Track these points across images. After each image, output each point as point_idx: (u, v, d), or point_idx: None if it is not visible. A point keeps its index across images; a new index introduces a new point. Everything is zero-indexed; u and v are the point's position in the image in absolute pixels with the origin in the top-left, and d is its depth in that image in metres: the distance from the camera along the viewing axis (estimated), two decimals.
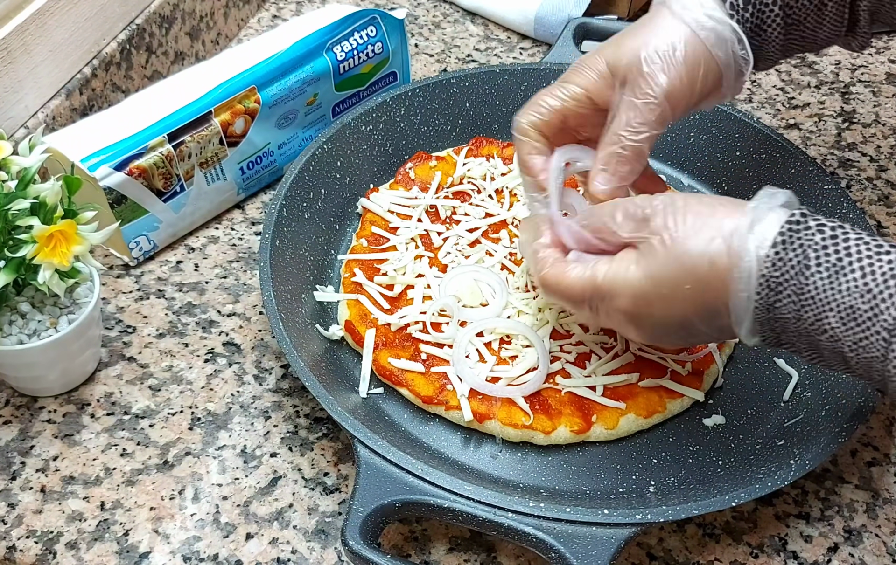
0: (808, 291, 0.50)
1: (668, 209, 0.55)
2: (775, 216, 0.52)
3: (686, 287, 0.54)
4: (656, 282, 0.55)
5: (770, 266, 0.51)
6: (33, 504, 0.61)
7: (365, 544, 0.53)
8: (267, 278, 0.67)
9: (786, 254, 0.51)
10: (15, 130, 0.77)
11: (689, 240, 0.54)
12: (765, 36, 0.65)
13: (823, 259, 0.50)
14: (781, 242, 0.51)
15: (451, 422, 0.66)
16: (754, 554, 0.60)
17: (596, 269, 0.58)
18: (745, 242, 0.52)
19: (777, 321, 0.52)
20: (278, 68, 0.81)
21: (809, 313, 0.50)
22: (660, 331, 0.58)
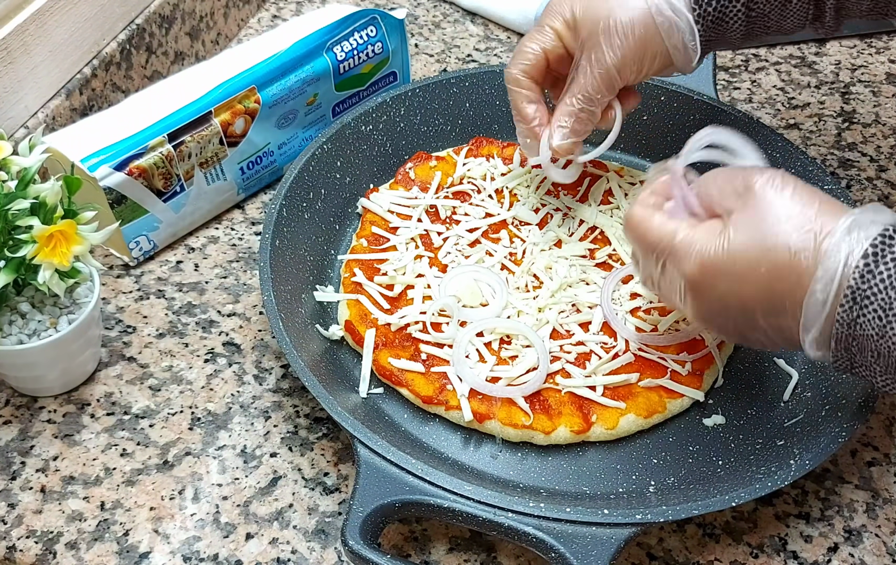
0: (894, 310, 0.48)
1: (768, 184, 0.54)
2: (874, 230, 0.51)
3: (761, 270, 0.52)
4: (732, 255, 0.53)
5: (859, 277, 0.49)
6: (33, 504, 0.61)
7: (365, 544, 0.53)
8: (267, 278, 0.67)
9: (876, 266, 0.49)
10: (15, 130, 0.77)
11: (779, 224, 0.52)
12: (727, 27, 0.67)
13: None
14: (873, 254, 0.49)
15: (451, 422, 0.66)
16: (754, 554, 0.60)
17: (679, 226, 0.57)
18: (839, 243, 0.50)
19: (857, 338, 0.50)
20: (278, 68, 0.81)
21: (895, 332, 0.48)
22: (718, 312, 0.56)
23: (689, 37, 0.67)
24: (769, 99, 0.99)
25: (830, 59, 1.05)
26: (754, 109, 0.97)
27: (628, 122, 0.87)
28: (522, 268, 0.74)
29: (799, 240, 0.51)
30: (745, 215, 0.54)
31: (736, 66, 1.03)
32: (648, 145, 0.87)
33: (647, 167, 0.87)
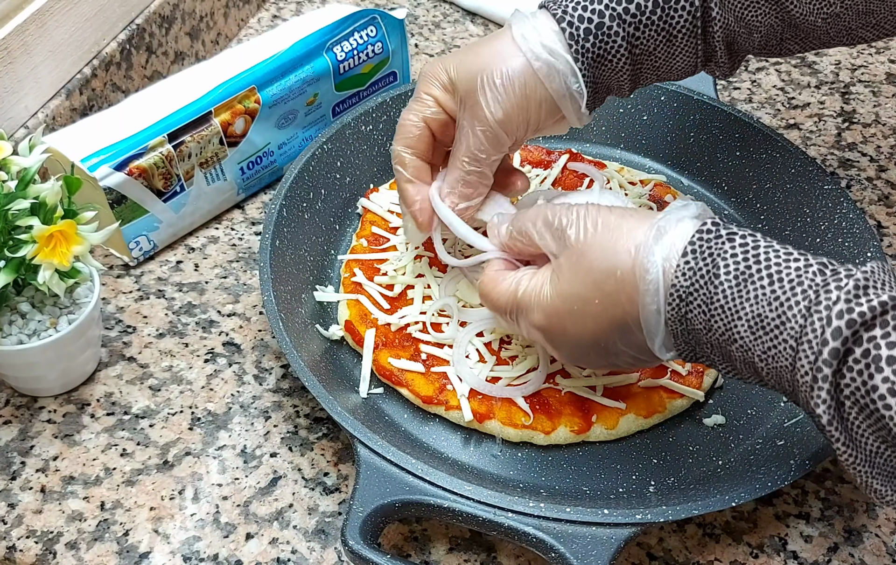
0: (717, 300, 0.50)
1: (579, 221, 0.56)
2: (685, 226, 0.52)
3: (595, 302, 0.54)
4: (566, 297, 0.55)
5: (681, 275, 0.51)
6: (33, 504, 0.61)
7: (365, 544, 0.53)
8: (267, 278, 0.67)
9: (696, 263, 0.50)
10: (15, 130, 0.77)
11: (595, 254, 0.54)
12: (611, 66, 0.63)
13: (732, 266, 0.49)
14: (692, 251, 0.51)
15: (451, 422, 0.66)
16: (754, 554, 0.60)
17: (519, 282, 0.59)
18: (650, 254, 0.52)
19: (690, 333, 0.52)
20: (278, 68, 0.81)
21: (720, 322, 0.50)
22: (576, 351, 0.58)
23: (573, 79, 0.62)
24: (769, 99, 0.99)
25: (830, 59, 1.05)
26: (754, 109, 0.97)
27: (629, 121, 0.87)
28: None
29: (619, 263, 0.53)
30: (567, 257, 0.56)
31: None
32: (648, 145, 0.87)
33: (648, 166, 0.87)
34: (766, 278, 0.49)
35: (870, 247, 0.71)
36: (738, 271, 0.49)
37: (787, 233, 0.78)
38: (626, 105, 0.87)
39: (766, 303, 0.48)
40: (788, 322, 0.47)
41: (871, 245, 0.71)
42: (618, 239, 0.54)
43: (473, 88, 0.63)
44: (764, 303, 0.48)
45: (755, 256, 0.50)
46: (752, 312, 0.49)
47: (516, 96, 0.62)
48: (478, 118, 0.63)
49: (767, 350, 0.48)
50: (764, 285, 0.48)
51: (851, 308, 0.45)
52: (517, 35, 0.63)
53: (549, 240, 0.57)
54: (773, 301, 0.48)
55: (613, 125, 0.88)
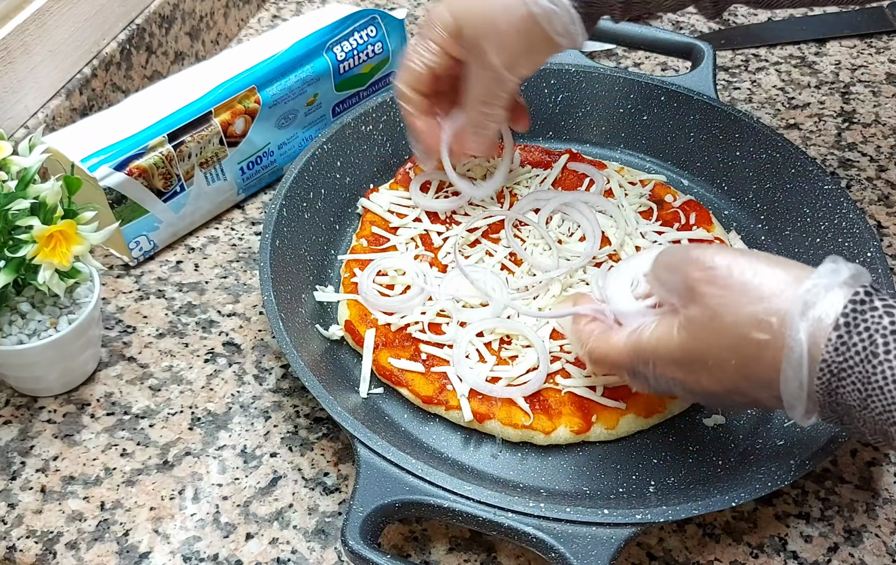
0: (875, 381, 0.46)
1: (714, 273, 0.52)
2: (834, 297, 0.48)
3: (732, 363, 0.51)
4: (700, 354, 0.53)
5: (832, 350, 0.47)
6: (33, 504, 0.61)
7: (365, 544, 0.53)
8: (267, 278, 0.67)
9: (850, 338, 0.47)
10: (15, 130, 0.77)
11: (731, 318, 0.50)
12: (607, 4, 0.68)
13: (893, 345, 0.46)
14: (845, 325, 0.47)
15: (451, 422, 0.66)
16: (754, 554, 0.60)
17: (641, 334, 0.56)
18: (795, 331, 0.48)
19: (840, 405, 0.49)
20: (278, 68, 0.81)
21: (878, 403, 0.47)
22: (713, 399, 0.56)
23: (569, 20, 0.66)
24: (769, 99, 0.99)
25: (830, 59, 1.05)
26: (754, 109, 0.97)
27: (629, 121, 0.87)
28: (522, 269, 0.74)
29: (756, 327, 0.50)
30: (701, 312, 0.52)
31: (736, 66, 1.03)
32: (648, 145, 0.87)
33: (648, 166, 0.87)
34: None
35: (870, 247, 0.70)
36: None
37: (787, 233, 0.78)
38: (626, 105, 0.87)
39: None
40: None
41: (871, 245, 0.71)
42: (758, 302, 0.50)
43: (478, 35, 0.67)
44: None
45: None
46: None
47: (520, 41, 0.66)
48: (484, 65, 0.67)
49: None
50: None
51: None
52: None
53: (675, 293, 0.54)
54: None
55: (613, 125, 0.88)
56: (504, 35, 0.66)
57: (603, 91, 0.87)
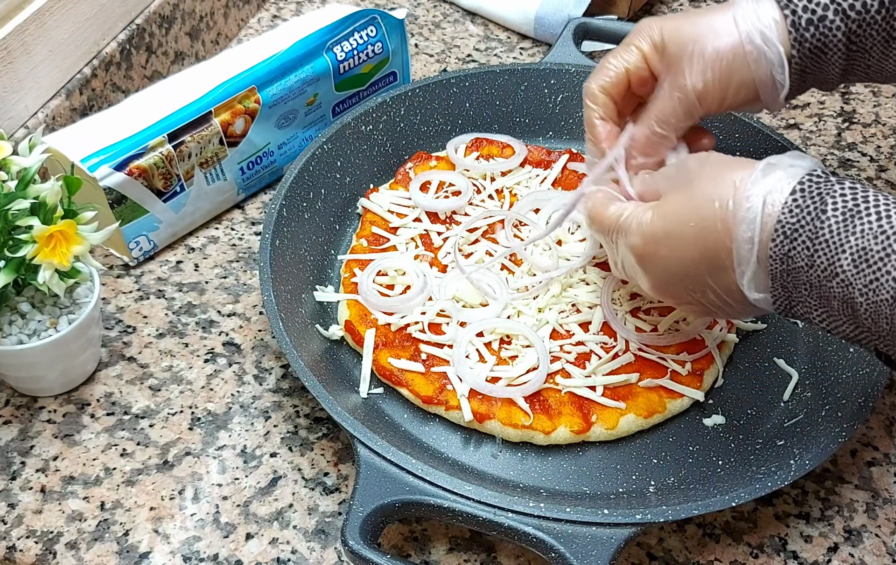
0: (822, 234, 0.50)
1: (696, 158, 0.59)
2: (795, 170, 0.53)
3: (691, 225, 0.56)
4: (665, 218, 0.58)
5: (787, 212, 0.52)
6: (33, 504, 0.61)
7: (365, 544, 0.53)
8: (267, 278, 0.67)
9: (803, 200, 0.51)
10: (15, 130, 0.77)
11: (700, 183, 0.56)
12: (826, 59, 0.63)
13: (840, 203, 0.50)
14: (800, 190, 0.52)
15: (451, 422, 0.66)
16: (754, 554, 0.60)
17: (626, 207, 0.62)
18: (754, 184, 0.53)
19: (790, 272, 0.52)
20: (278, 68, 0.81)
21: (823, 258, 0.50)
22: (665, 276, 0.59)
23: (779, 70, 0.63)
24: None
25: None
26: None
27: None
28: (522, 269, 0.74)
29: (720, 191, 0.54)
30: (676, 185, 0.59)
31: None
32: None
33: None
34: (873, 214, 0.49)
35: None
36: (845, 208, 0.50)
37: None
38: None
39: (871, 236, 0.49)
40: (893, 255, 0.48)
41: None
42: (726, 171, 0.55)
43: (681, 55, 0.65)
44: (870, 236, 0.49)
45: (864, 196, 0.50)
46: (857, 246, 0.49)
47: (721, 73, 0.64)
48: (678, 85, 0.65)
49: (869, 283, 0.49)
50: (871, 220, 0.49)
51: None
52: (737, 15, 0.64)
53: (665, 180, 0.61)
54: (879, 234, 0.49)
55: None
56: (707, 60, 0.63)
57: None
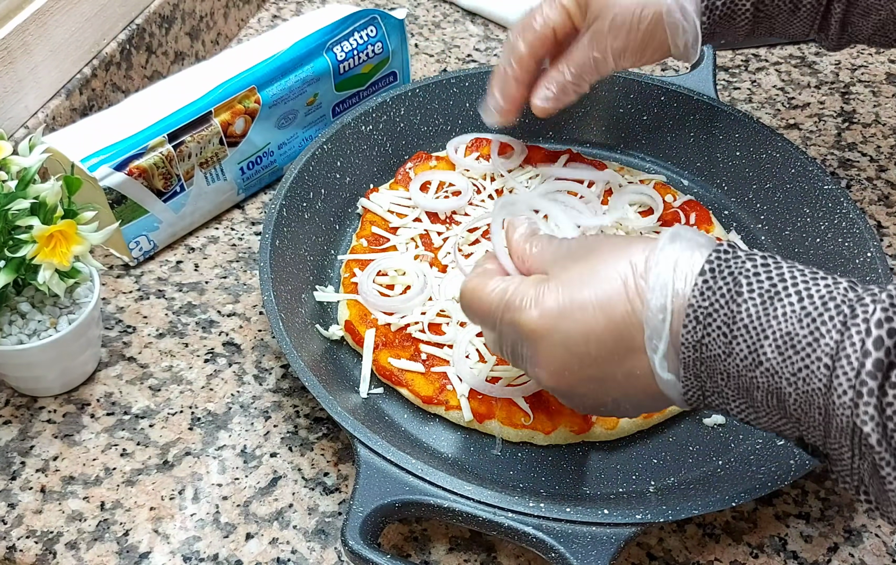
0: (741, 320, 0.46)
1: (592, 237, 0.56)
2: (701, 250, 0.49)
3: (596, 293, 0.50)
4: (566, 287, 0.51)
5: (699, 294, 0.47)
6: (33, 504, 0.61)
7: (365, 544, 0.53)
8: (267, 278, 0.67)
9: (714, 282, 0.47)
10: (15, 130, 0.77)
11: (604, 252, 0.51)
12: (732, 23, 0.69)
13: (756, 285, 0.46)
14: (710, 270, 0.47)
15: (451, 422, 0.66)
16: (754, 554, 0.60)
17: (507, 282, 0.54)
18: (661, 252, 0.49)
19: (704, 361, 0.47)
20: (278, 68, 0.81)
21: (743, 345, 0.46)
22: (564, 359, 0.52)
23: (693, 40, 0.68)
24: (769, 99, 0.99)
25: (830, 59, 1.05)
26: (754, 109, 0.97)
27: (629, 121, 0.87)
28: None
29: (628, 256, 0.50)
30: (575, 256, 0.53)
31: (736, 66, 1.03)
32: (649, 145, 0.87)
33: (648, 166, 0.87)
34: (794, 295, 0.45)
35: (870, 247, 0.71)
36: (762, 290, 0.46)
37: (787, 233, 0.78)
38: (625, 105, 0.87)
39: (796, 320, 0.44)
40: (822, 338, 0.44)
41: (871, 245, 0.71)
42: (631, 242, 0.51)
43: (604, 14, 0.68)
44: (794, 320, 0.45)
45: (779, 275, 0.46)
46: (780, 330, 0.45)
47: (639, 38, 0.68)
48: (598, 43, 0.69)
49: (798, 371, 0.44)
50: (793, 302, 0.45)
51: (891, 317, 0.42)
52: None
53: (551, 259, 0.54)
54: (803, 317, 0.44)
55: (613, 125, 0.88)
56: (628, 26, 0.67)
57: (603, 91, 0.87)
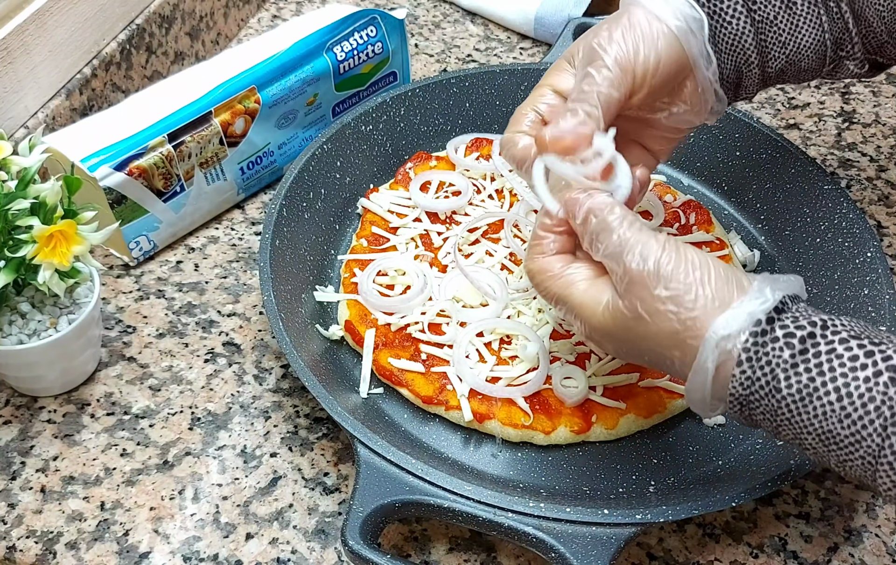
0: (782, 413, 0.48)
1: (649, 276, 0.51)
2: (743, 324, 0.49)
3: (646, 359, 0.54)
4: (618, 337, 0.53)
5: (738, 385, 0.49)
6: (33, 504, 0.61)
7: (365, 544, 0.53)
8: (267, 278, 0.67)
9: (752, 372, 0.48)
10: (15, 130, 0.77)
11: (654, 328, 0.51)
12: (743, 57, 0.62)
13: (794, 381, 0.47)
14: (748, 360, 0.48)
15: (451, 422, 0.66)
16: (754, 554, 0.60)
17: (573, 284, 0.55)
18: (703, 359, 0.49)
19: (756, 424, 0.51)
20: (278, 68, 0.81)
21: (787, 431, 0.49)
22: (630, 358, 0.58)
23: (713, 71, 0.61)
24: (769, 99, 0.99)
25: None
26: (754, 109, 0.97)
27: None
28: (522, 268, 0.74)
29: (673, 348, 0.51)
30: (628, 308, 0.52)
31: None
32: None
33: None
34: (832, 393, 0.46)
35: (870, 248, 0.71)
36: (800, 385, 0.47)
37: (787, 233, 0.78)
38: None
39: (836, 420, 0.46)
40: (864, 440, 0.45)
41: (871, 245, 0.71)
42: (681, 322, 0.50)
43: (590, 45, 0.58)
44: (834, 419, 0.46)
45: (818, 366, 0.47)
46: (821, 428, 0.46)
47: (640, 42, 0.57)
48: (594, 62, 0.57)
49: (843, 461, 0.47)
50: (832, 400, 0.46)
51: None
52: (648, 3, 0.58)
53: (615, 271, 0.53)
54: (843, 418, 0.46)
55: None
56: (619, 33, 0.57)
57: None
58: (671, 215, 0.79)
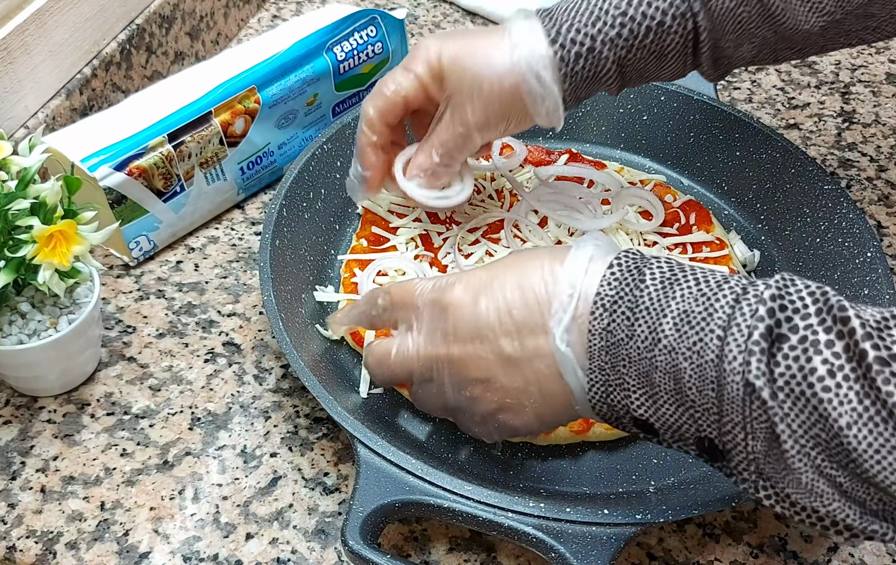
0: (642, 303, 0.49)
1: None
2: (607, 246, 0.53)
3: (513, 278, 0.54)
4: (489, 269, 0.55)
5: (606, 285, 0.50)
6: (33, 504, 0.61)
7: (365, 544, 0.53)
8: (267, 278, 0.67)
9: (621, 273, 0.50)
10: (15, 130, 0.77)
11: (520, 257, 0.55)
12: (599, 84, 0.66)
13: (658, 272, 0.50)
14: (617, 264, 0.51)
15: (451, 422, 0.66)
16: (754, 554, 0.60)
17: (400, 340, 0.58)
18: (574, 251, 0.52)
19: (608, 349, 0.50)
20: (278, 68, 0.81)
21: (643, 325, 0.48)
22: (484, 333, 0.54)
23: (554, 107, 0.65)
24: (769, 99, 0.99)
25: (830, 59, 1.05)
26: (754, 109, 0.97)
27: (629, 121, 0.87)
28: None
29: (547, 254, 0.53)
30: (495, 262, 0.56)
31: None
32: (648, 145, 0.87)
33: (648, 166, 0.87)
34: (691, 279, 0.49)
35: (870, 248, 0.71)
36: (663, 277, 0.49)
37: (787, 233, 0.78)
38: (626, 105, 0.87)
39: (692, 299, 0.48)
40: (716, 312, 0.47)
41: (871, 245, 0.71)
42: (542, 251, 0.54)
43: (461, 89, 0.65)
44: (690, 299, 0.48)
45: (680, 266, 0.50)
46: (678, 309, 0.48)
47: (499, 109, 0.65)
48: (460, 119, 0.66)
49: (693, 345, 0.47)
50: (690, 285, 0.48)
51: (782, 294, 0.45)
52: (515, 53, 0.64)
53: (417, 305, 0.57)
54: (699, 297, 0.48)
55: (613, 125, 0.88)
56: (486, 98, 0.64)
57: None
58: (671, 215, 0.79)
